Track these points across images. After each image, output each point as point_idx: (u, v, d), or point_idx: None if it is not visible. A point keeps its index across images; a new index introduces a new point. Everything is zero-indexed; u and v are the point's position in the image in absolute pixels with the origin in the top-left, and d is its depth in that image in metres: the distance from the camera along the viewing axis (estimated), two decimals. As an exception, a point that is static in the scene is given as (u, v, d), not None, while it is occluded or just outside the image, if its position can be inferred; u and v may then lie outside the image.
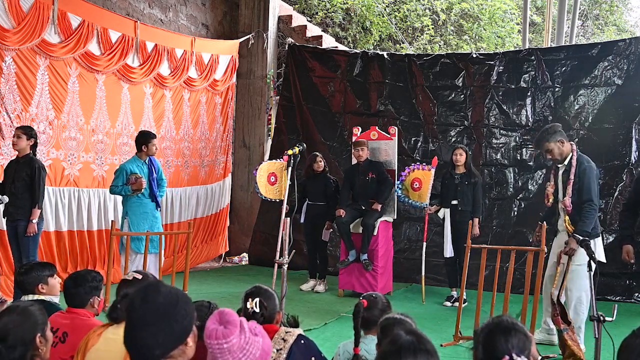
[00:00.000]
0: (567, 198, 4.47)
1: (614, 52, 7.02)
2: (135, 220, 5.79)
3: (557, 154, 4.55)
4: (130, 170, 5.75)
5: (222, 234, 8.78)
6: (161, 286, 1.70)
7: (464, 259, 4.84)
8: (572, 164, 4.49)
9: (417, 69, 7.88)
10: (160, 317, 1.62)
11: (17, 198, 5.15)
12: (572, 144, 4.60)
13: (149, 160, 5.91)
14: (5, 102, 5.63)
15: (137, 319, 1.63)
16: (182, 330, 1.66)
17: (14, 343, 2.04)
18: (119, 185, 5.75)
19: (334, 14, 12.23)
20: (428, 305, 6.21)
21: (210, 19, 9.06)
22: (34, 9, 5.79)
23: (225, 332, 1.72)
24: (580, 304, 4.47)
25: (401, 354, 1.65)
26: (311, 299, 6.38)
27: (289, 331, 2.44)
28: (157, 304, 1.64)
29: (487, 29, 13.74)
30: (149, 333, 1.61)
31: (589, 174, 4.47)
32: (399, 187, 6.46)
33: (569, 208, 4.48)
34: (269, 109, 8.89)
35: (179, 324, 1.64)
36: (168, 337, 1.63)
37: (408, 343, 1.68)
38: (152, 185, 5.88)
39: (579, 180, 4.46)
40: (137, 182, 5.69)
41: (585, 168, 4.48)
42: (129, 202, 5.83)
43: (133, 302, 1.65)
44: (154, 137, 5.92)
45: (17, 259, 5.24)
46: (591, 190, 4.44)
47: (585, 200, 4.43)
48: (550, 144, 4.54)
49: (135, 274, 2.63)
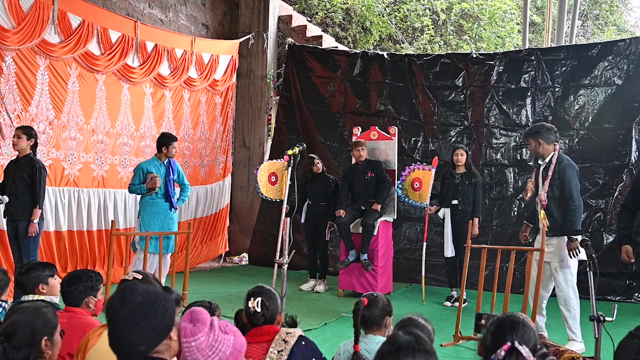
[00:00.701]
0: (542, 192, 4.67)
1: (614, 52, 7.02)
2: (146, 219, 5.86)
3: (533, 150, 4.85)
4: (147, 170, 5.85)
5: (222, 234, 8.78)
6: (137, 286, 1.74)
7: (464, 258, 4.84)
8: (552, 162, 4.70)
9: (417, 69, 7.88)
10: (141, 316, 1.68)
11: (17, 198, 5.15)
12: (555, 145, 4.77)
13: (168, 162, 5.99)
14: (5, 102, 5.62)
15: (118, 320, 1.68)
16: (164, 326, 1.71)
17: (19, 343, 2.02)
18: (136, 184, 5.85)
19: (334, 14, 12.23)
20: (428, 305, 6.21)
21: (210, 19, 9.06)
22: (34, 9, 5.79)
23: (194, 329, 1.75)
24: (569, 300, 4.58)
25: (399, 354, 1.65)
26: (311, 299, 6.38)
27: (289, 332, 2.43)
28: (135, 303, 1.69)
29: (487, 29, 13.73)
30: (132, 332, 1.66)
31: (569, 171, 4.66)
32: (399, 187, 6.46)
33: (544, 202, 4.65)
34: (269, 109, 8.89)
35: (160, 320, 1.70)
36: (150, 334, 1.68)
37: (407, 343, 1.68)
38: (168, 186, 5.94)
39: (559, 177, 4.66)
40: (152, 181, 5.76)
41: (565, 165, 4.68)
42: (142, 202, 5.93)
43: (112, 305, 1.70)
44: (175, 139, 6.04)
45: (18, 259, 5.23)
46: (572, 187, 4.62)
47: (567, 198, 4.62)
48: (530, 139, 4.82)
49: (135, 274, 2.63)
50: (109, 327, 1.71)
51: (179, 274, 5.85)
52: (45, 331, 2.10)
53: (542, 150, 4.77)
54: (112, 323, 1.70)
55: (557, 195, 4.66)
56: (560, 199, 4.65)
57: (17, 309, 2.17)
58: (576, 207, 4.60)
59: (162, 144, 5.96)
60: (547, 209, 4.66)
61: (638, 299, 6.54)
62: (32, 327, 2.07)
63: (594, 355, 2.87)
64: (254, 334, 2.44)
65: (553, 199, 4.67)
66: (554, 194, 4.67)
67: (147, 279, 2.55)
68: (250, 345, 2.40)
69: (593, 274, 3.20)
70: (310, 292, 6.74)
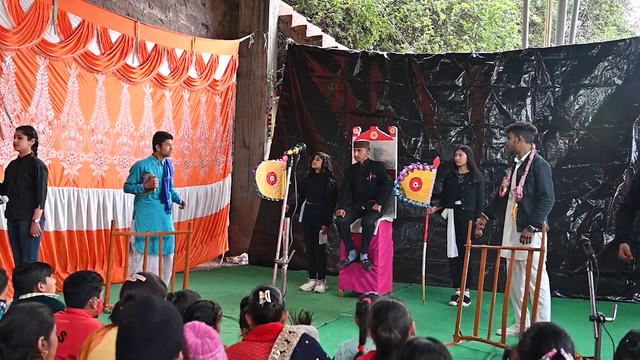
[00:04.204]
0: (519, 187, 4.89)
1: (614, 52, 7.02)
2: (142, 220, 5.81)
3: (511, 145, 5.08)
4: (145, 169, 5.78)
5: (222, 234, 8.78)
6: (156, 303, 1.70)
7: (465, 258, 4.84)
8: (529, 159, 4.95)
9: (417, 69, 7.88)
10: (158, 336, 1.64)
11: (19, 198, 5.15)
12: (533, 146, 5.04)
13: (166, 162, 5.94)
14: (5, 102, 5.62)
15: (137, 339, 1.63)
16: (176, 345, 1.67)
17: (16, 343, 2.01)
18: (132, 183, 5.78)
19: (334, 14, 12.23)
20: (428, 305, 6.20)
21: (210, 19, 9.06)
22: (33, 9, 5.78)
23: (211, 344, 1.73)
24: (543, 292, 4.72)
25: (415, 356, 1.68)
26: (311, 299, 6.38)
27: (292, 331, 2.43)
28: (154, 324, 1.64)
29: (487, 29, 13.74)
30: (147, 352, 1.62)
31: (543, 169, 4.90)
32: (396, 187, 6.45)
33: (519, 196, 4.87)
34: (269, 109, 8.89)
35: (173, 340, 1.66)
36: (164, 353, 1.64)
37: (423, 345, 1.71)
38: (165, 187, 5.88)
39: (534, 174, 4.89)
40: (149, 181, 5.71)
41: (540, 164, 4.93)
42: (138, 202, 5.87)
43: (132, 324, 1.64)
44: (167, 137, 5.94)
45: (18, 258, 5.23)
46: (545, 184, 4.87)
47: (541, 194, 4.85)
48: (511, 134, 5.06)
49: (139, 276, 2.61)
50: (123, 345, 1.65)
51: (179, 274, 5.85)
52: (41, 331, 2.09)
53: (519, 147, 5.01)
54: (128, 341, 1.64)
55: (531, 192, 4.89)
56: (534, 196, 4.87)
57: (13, 309, 2.16)
58: (547, 202, 4.85)
59: (154, 142, 5.91)
60: (520, 204, 4.88)
61: (638, 299, 6.54)
62: (29, 326, 2.06)
63: (594, 355, 2.87)
64: (257, 332, 2.44)
65: (527, 196, 4.88)
66: (527, 191, 4.89)
67: (152, 282, 2.53)
68: (254, 343, 2.40)
69: (593, 274, 3.19)
70: (310, 292, 6.74)
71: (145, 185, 5.72)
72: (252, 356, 2.34)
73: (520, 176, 4.92)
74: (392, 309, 2.23)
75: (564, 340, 1.83)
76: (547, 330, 1.86)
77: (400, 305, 2.27)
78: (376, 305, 2.29)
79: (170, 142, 5.92)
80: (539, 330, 1.88)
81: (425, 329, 5.04)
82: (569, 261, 6.88)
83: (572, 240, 6.87)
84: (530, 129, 5.05)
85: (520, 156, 5.03)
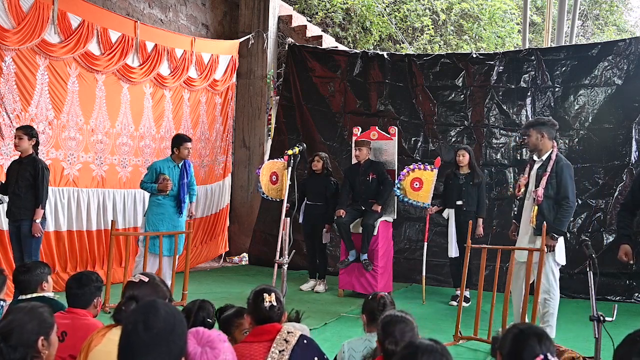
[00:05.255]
0: (540, 188, 4.56)
1: (614, 52, 7.02)
2: (152, 219, 5.82)
3: (533, 143, 4.70)
4: (160, 169, 5.80)
5: (222, 234, 8.78)
6: (160, 308, 1.66)
7: (465, 258, 4.84)
8: (551, 158, 4.62)
9: (417, 69, 7.88)
10: (162, 342, 1.61)
11: (20, 198, 5.16)
12: (554, 144, 4.71)
13: (183, 164, 5.91)
14: (5, 102, 5.62)
15: (140, 345, 1.60)
16: (179, 350, 1.65)
17: (16, 343, 2.01)
18: (147, 182, 5.82)
19: (334, 14, 12.23)
20: (428, 305, 6.20)
21: (210, 19, 9.06)
22: (33, 9, 5.78)
23: (216, 352, 1.70)
24: (550, 299, 4.58)
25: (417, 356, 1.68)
26: (311, 299, 6.37)
27: (291, 331, 2.43)
28: (158, 330, 1.61)
29: (487, 29, 13.74)
30: (149, 358, 1.59)
31: (566, 171, 4.59)
32: (397, 187, 6.45)
33: (540, 198, 4.56)
34: (269, 109, 8.89)
35: (177, 345, 1.63)
36: (167, 359, 1.62)
37: (425, 346, 1.72)
38: (181, 190, 5.85)
39: (556, 175, 4.58)
40: (163, 183, 5.72)
41: (563, 165, 4.61)
42: (150, 201, 5.90)
43: (136, 329, 1.61)
44: (186, 140, 5.90)
45: (19, 258, 5.22)
46: (568, 188, 4.57)
47: (562, 198, 4.57)
48: (532, 131, 4.68)
49: (141, 276, 2.61)
50: (125, 350, 1.62)
51: (179, 274, 5.85)
52: (41, 331, 2.08)
53: (541, 145, 4.66)
54: (131, 347, 1.61)
55: (552, 194, 4.58)
56: (555, 199, 4.58)
57: (13, 309, 2.16)
58: (569, 208, 4.58)
59: (173, 144, 5.91)
60: (539, 207, 4.58)
61: (638, 299, 6.54)
62: (28, 326, 2.05)
63: (594, 355, 2.87)
64: (255, 333, 2.44)
65: (547, 199, 4.57)
66: (548, 193, 4.56)
67: (155, 282, 2.52)
68: (252, 344, 2.40)
69: (593, 274, 3.19)
70: (310, 292, 6.74)
71: (159, 186, 5.74)
72: (251, 356, 2.34)
73: (541, 177, 4.60)
74: (400, 322, 2.33)
75: (548, 343, 1.80)
76: (529, 332, 1.83)
77: (408, 320, 2.36)
78: (385, 319, 2.38)
79: (188, 145, 5.87)
80: (519, 331, 1.85)
81: (425, 329, 5.03)
82: (569, 261, 6.80)
83: (572, 240, 6.87)
84: (552, 125, 4.72)
85: (541, 154, 4.68)
